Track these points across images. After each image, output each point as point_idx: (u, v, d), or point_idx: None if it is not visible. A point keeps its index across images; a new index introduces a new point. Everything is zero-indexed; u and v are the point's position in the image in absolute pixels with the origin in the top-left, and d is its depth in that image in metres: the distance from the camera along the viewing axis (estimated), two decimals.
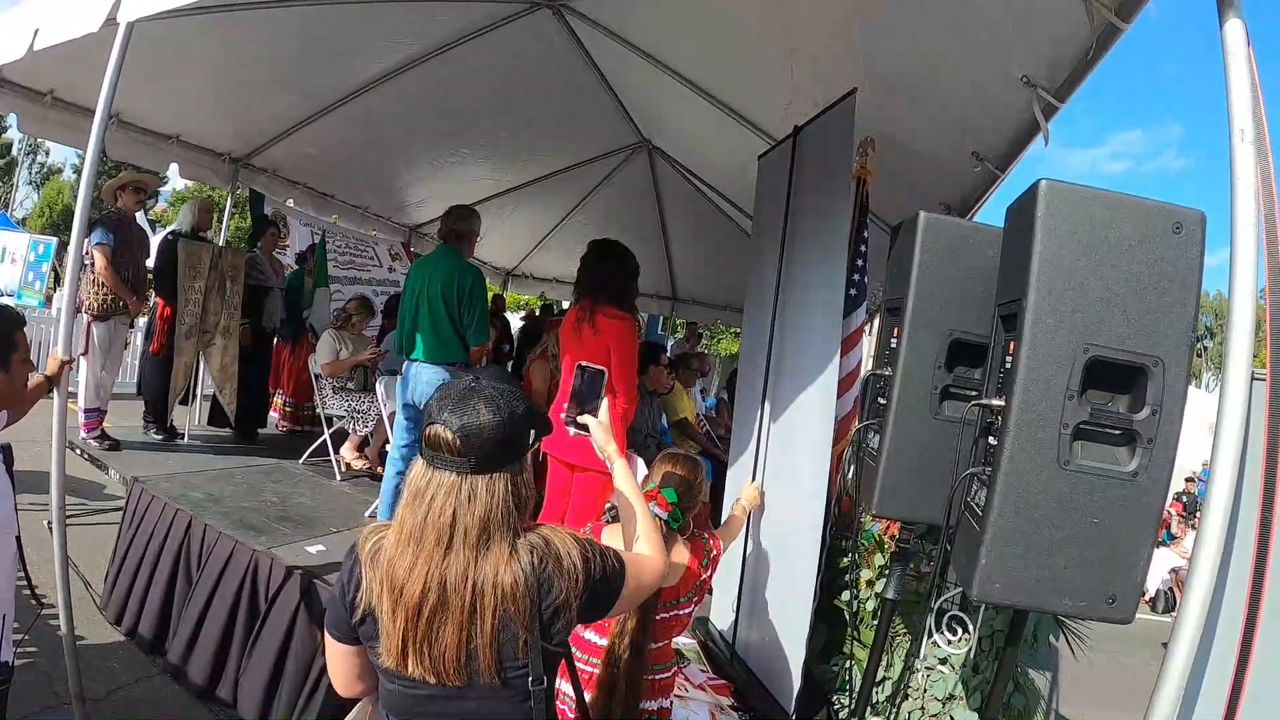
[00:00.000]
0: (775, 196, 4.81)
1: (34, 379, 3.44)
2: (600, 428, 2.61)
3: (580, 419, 2.67)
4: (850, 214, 4.00)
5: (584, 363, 2.83)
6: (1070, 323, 2.05)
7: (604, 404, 2.68)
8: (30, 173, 57.54)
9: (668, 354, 9.04)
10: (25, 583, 3.40)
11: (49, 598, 3.29)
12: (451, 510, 1.81)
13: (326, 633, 2.03)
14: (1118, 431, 2.09)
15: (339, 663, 2.05)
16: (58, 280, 26.06)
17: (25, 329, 3.13)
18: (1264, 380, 2.20)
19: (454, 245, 5.57)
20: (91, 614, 4.99)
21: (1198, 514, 12.59)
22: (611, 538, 3.07)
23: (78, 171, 52.10)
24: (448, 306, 5.31)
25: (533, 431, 1.95)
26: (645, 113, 8.11)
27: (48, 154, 58.10)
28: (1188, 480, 15.25)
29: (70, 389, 3.46)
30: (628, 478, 2.46)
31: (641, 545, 2.31)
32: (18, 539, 3.07)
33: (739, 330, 25.99)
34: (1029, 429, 2.07)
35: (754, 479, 4.57)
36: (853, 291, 4.49)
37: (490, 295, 9.15)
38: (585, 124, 8.32)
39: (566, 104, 7.67)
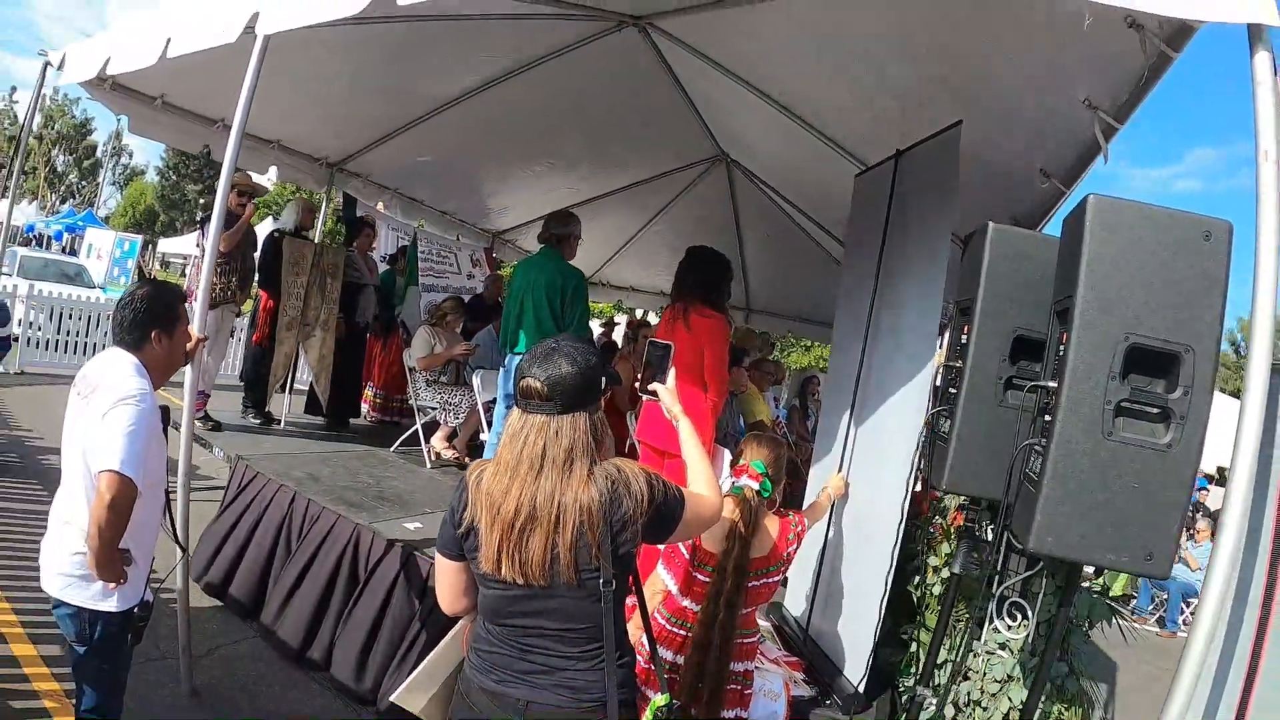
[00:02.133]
0: (874, 216, 5.04)
1: None
2: (667, 392, 2.97)
3: (651, 386, 3.03)
4: (949, 239, 4.22)
5: (653, 339, 3.19)
6: (1113, 315, 2.37)
7: (671, 373, 3.01)
8: (114, 173, 58.80)
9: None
10: (170, 532, 3.81)
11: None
12: (542, 444, 2.25)
13: (437, 554, 2.48)
14: (1155, 409, 2.40)
15: (446, 578, 2.50)
16: (142, 276, 26.82)
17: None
18: None
19: (555, 248, 5.91)
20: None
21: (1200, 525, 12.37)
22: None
23: (160, 173, 53.36)
24: (550, 305, 5.66)
25: (604, 379, 2.38)
26: (724, 127, 8.30)
27: (130, 156, 59.46)
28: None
29: (175, 379, 3.82)
30: (691, 433, 2.83)
31: (700, 487, 2.64)
32: (167, 493, 3.48)
33: (809, 343, 25.75)
34: (1078, 405, 2.38)
35: (840, 473, 4.81)
36: None
37: None
38: (665, 137, 8.55)
39: (647, 117, 7.92)
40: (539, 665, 2.32)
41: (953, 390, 3.43)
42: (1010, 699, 3.82)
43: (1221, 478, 14.31)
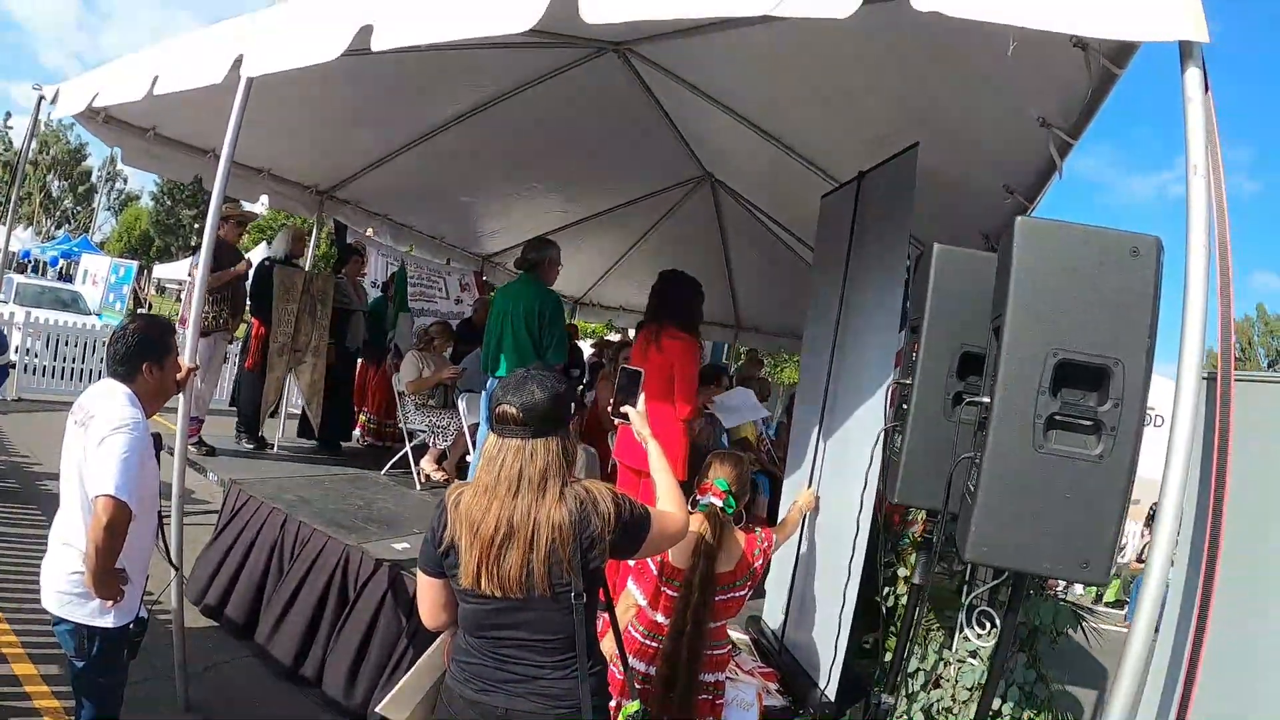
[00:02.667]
0: (838, 234, 5.16)
1: None
2: (637, 415, 3.14)
3: (622, 409, 3.18)
4: (906, 254, 4.32)
5: (624, 365, 3.34)
6: (1042, 331, 2.47)
7: (641, 398, 3.18)
8: (109, 199, 58.86)
9: (730, 377, 9.36)
10: (164, 553, 3.93)
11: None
12: (519, 466, 2.41)
13: (419, 572, 2.65)
14: (1087, 422, 2.49)
15: (427, 595, 2.65)
16: (138, 302, 26.90)
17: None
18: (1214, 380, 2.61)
19: (532, 274, 6.04)
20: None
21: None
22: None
23: (155, 199, 53.38)
24: (529, 329, 5.78)
25: (572, 404, 2.56)
26: (707, 148, 8.40)
27: (125, 181, 59.43)
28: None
29: (169, 404, 3.95)
30: (659, 455, 3.01)
31: (667, 505, 2.83)
32: (160, 514, 3.61)
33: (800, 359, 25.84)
34: (1009, 419, 2.49)
35: (810, 487, 4.92)
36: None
37: None
38: (650, 159, 8.64)
39: (632, 140, 8.00)
40: (516, 674, 2.46)
41: (905, 406, 3.54)
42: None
43: None
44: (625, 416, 3.19)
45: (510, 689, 2.45)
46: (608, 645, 3.06)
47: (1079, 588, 11.54)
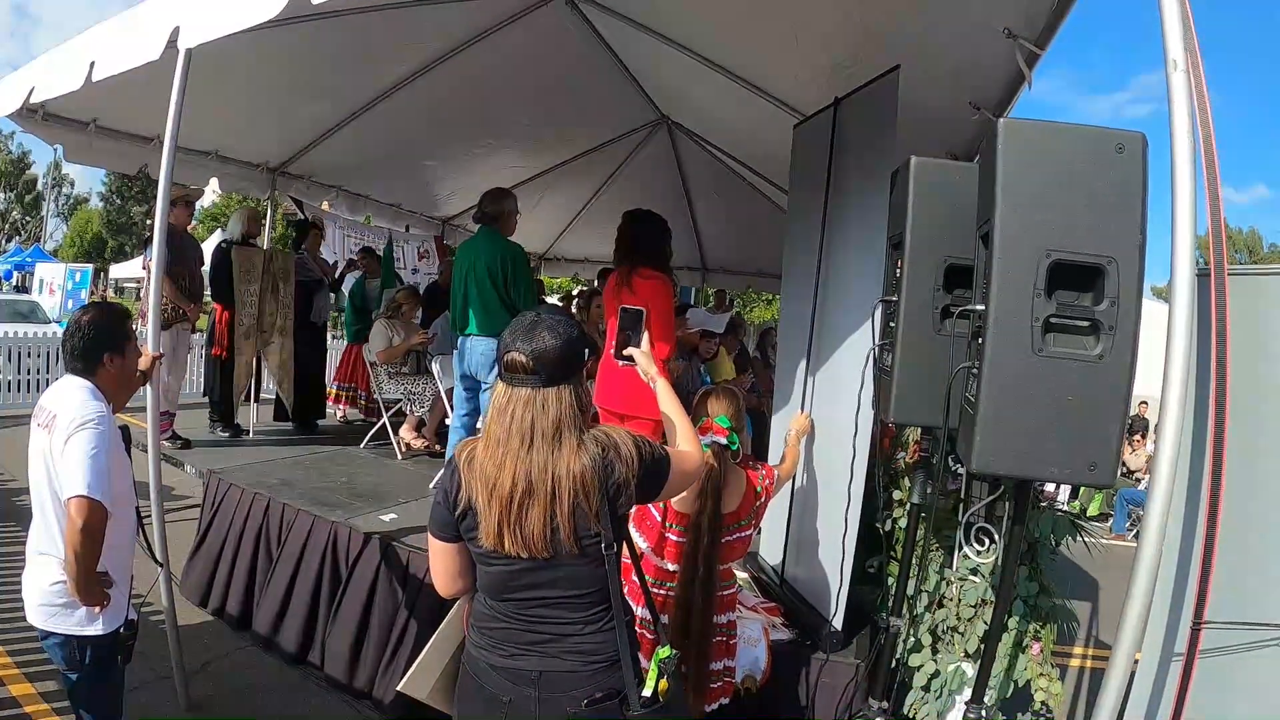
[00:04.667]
0: (816, 162, 5.03)
1: None
2: (643, 356, 3.03)
3: (626, 351, 3.07)
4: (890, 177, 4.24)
5: (625, 305, 3.22)
6: (1033, 233, 2.41)
7: (645, 337, 3.08)
8: (57, 205, 57.95)
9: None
10: (146, 549, 3.84)
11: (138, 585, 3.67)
12: (530, 417, 2.24)
13: (430, 537, 2.48)
14: (1084, 322, 2.44)
15: (441, 561, 2.50)
16: None
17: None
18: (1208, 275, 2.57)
19: (491, 226, 5.93)
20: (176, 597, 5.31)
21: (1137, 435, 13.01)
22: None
23: (104, 199, 52.61)
24: (494, 282, 5.67)
25: (586, 350, 2.38)
26: (662, 90, 8.34)
27: (72, 185, 58.43)
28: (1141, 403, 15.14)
29: (137, 403, 3.84)
30: (669, 395, 2.88)
31: (682, 444, 2.71)
32: (138, 510, 3.51)
33: (770, 298, 25.71)
34: (1006, 325, 2.43)
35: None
36: None
37: None
38: (604, 106, 8.57)
39: (585, 88, 7.91)
40: (548, 634, 2.34)
41: (892, 324, 3.49)
42: (985, 622, 3.88)
43: None
44: (630, 359, 3.09)
45: (543, 649, 2.34)
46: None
47: (1064, 496, 11.68)
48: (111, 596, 3.19)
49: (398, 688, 2.89)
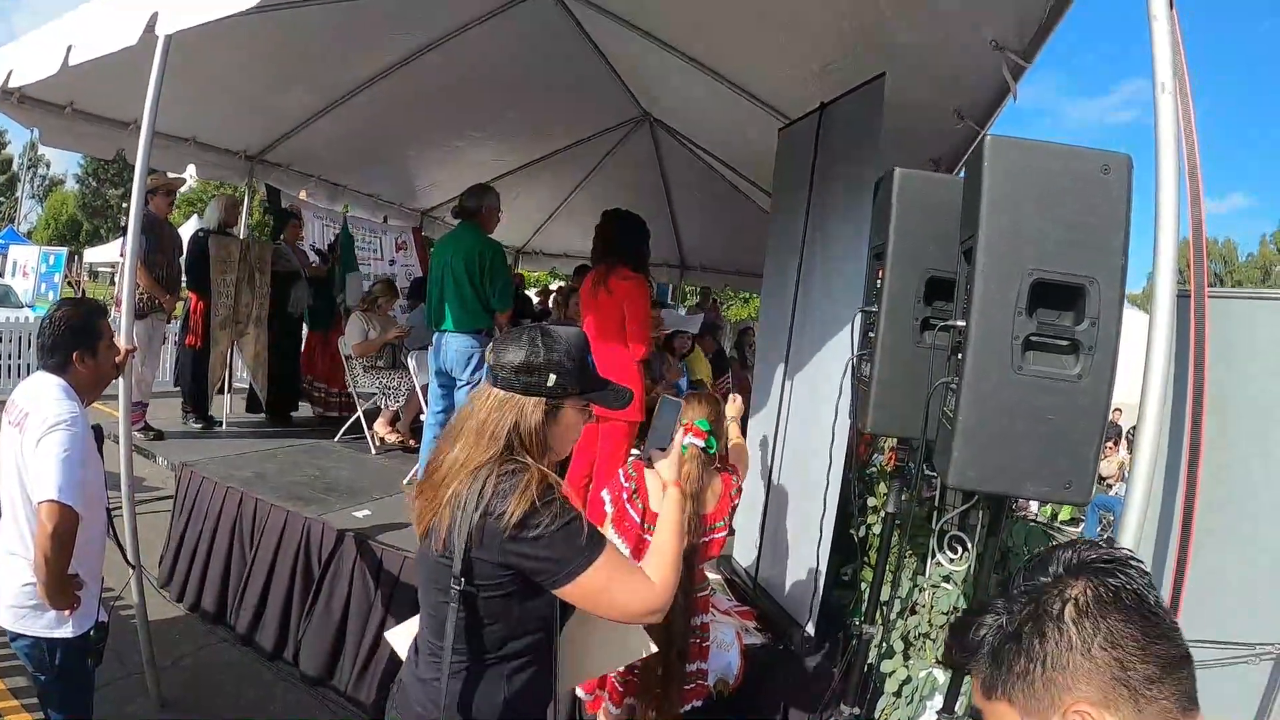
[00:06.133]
0: (800, 166, 5.04)
1: None
2: (670, 466, 2.65)
3: (652, 453, 2.70)
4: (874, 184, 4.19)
5: (666, 396, 2.95)
6: (1016, 252, 2.41)
7: (678, 436, 2.75)
8: (33, 186, 57.42)
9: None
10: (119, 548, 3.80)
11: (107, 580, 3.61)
12: (470, 408, 2.17)
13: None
14: (1064, 342, 2.45)
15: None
16: (72, 290, 26.30)
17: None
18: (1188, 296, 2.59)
19: (471, 222, 5.90)
20: (149, 592, 5.12)
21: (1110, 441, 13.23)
22: (651, 478, 3.51)
23: (80, 181, 52.13)
24: (471, 279, 5.64)
25: (553, 376, 2.13)
26: (646, 88, 8.34)
27: (48, 166, 57.92)
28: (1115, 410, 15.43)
29: (110, 390, 3.79)
30: (673, 513, 2.46)
31: (651, 570, 2.22)
32: (108, 510, 3.47)
33: (748, 295, 25.73)
34: (986, 342, 2.43)
35: (777, 425, 4.92)
36: None
37: None
38: (587, 101, 8.57)
39: (568, 83, 7.91)
40: (422, 658, 2.21)
41: (871, 334, 3.49)
42: None
43: None
44: (650, 462, 2.72)
45: (404, 673, 2.27)
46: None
47: (1034, 507, 11.79)
48: (81, 599, 3.15)
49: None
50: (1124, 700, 1.14)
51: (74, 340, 3.23)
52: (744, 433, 5.37)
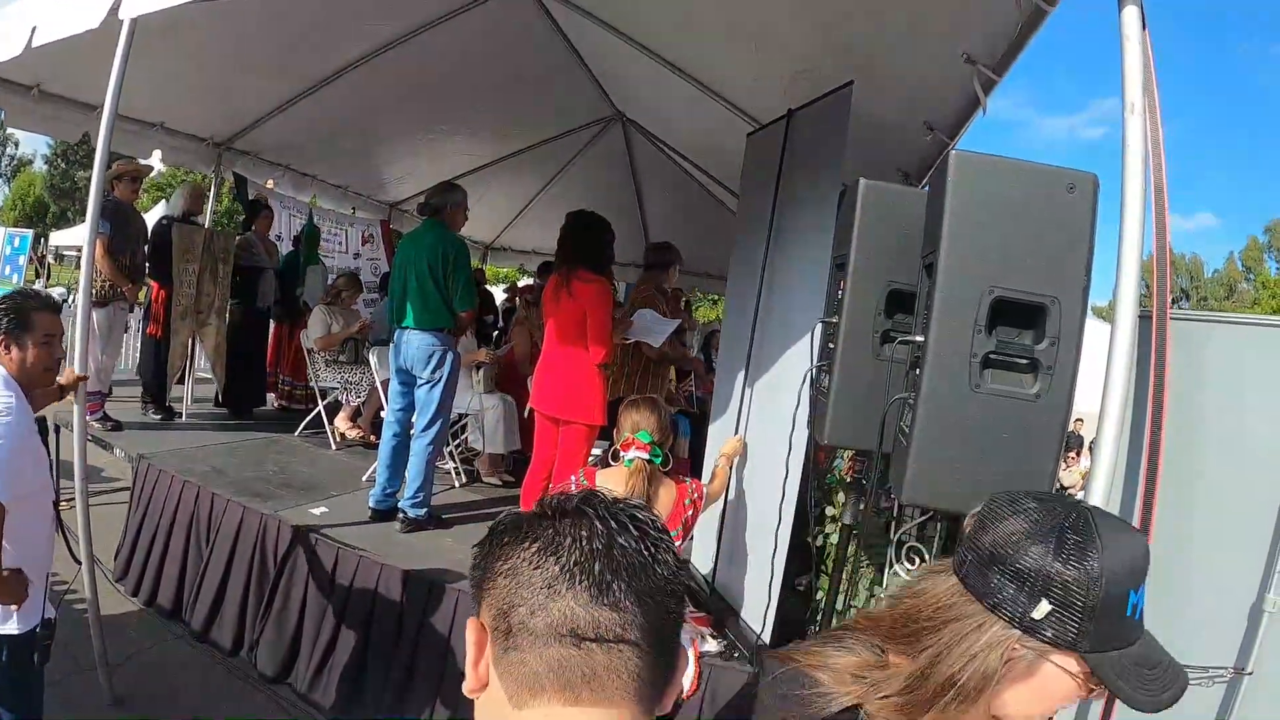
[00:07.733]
0: (766, 172, 5.03)
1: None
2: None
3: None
4: (838, 195, 4.09)
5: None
6: (977, 268, 2.40)
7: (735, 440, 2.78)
8: (0, 166, 56.81)
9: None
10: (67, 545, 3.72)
11: (61, 573, 3.53)
12: None
13: None
14: (1023, 360, 2.45)
15: None
16: (37, 273, 25.98)
17: (60, 315, 3.36)
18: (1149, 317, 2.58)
19: (437, 219, 5.85)
20: (104, 587, 5.14)
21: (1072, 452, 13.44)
22: (606, 479, 3.47)
23: (48, 162, 51.55)
24: (434, 276, 5.57)
25: None
26: (619, 87, 8.33)
27: (17, 146, 57.26)
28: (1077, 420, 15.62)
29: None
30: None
31: None
32: (55, 503, 3.38)
33: (715, 298, 25.64)
34: (944, 359, 2.42)
35: (737, 432, 4.87)
36: None
37: None
38: (560, 98, 8.54)
39: (541, 79, 7.88)
40: None
41: (831, 345, 3.48)
42: None
43: None
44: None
45: None
46: None
47: None
48: (29, 594, 3.07)
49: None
50: None
51: (3, 325, 3.12)
52: (704, 442, 5.38)
